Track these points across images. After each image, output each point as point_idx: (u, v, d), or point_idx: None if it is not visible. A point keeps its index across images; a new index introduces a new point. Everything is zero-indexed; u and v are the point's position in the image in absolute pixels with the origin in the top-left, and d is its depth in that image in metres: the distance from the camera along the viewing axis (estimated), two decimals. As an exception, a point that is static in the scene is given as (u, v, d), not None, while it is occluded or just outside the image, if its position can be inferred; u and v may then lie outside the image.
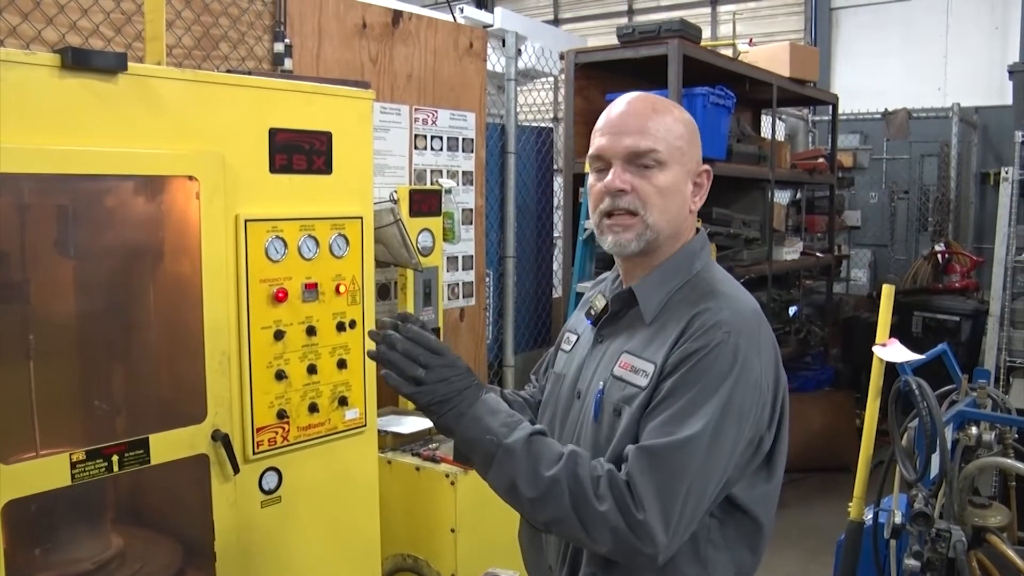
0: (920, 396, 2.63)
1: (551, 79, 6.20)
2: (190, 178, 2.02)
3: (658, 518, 1.36)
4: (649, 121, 1.54)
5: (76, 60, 1.80)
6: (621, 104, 1.59)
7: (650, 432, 1.43)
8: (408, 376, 1.45)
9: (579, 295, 4.39)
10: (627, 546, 1.38)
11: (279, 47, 3.48)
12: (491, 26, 5.15)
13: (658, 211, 1.54)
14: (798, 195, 7.39)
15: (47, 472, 1.81)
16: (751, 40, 6.25)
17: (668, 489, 1.37)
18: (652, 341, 1.52)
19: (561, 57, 5.35)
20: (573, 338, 1.76)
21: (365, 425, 2.47)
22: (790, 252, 6.03)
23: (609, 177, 1.54)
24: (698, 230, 1.66)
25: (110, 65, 1.86)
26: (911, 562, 2.59)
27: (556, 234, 5.55)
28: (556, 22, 11.88)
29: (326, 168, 2.32)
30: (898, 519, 2.64)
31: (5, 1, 2.73)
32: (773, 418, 1.51)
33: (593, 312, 1.68)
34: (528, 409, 1.80)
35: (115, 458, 1.90)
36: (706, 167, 1.62)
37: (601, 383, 1.56)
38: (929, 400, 2.62)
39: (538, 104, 6.39)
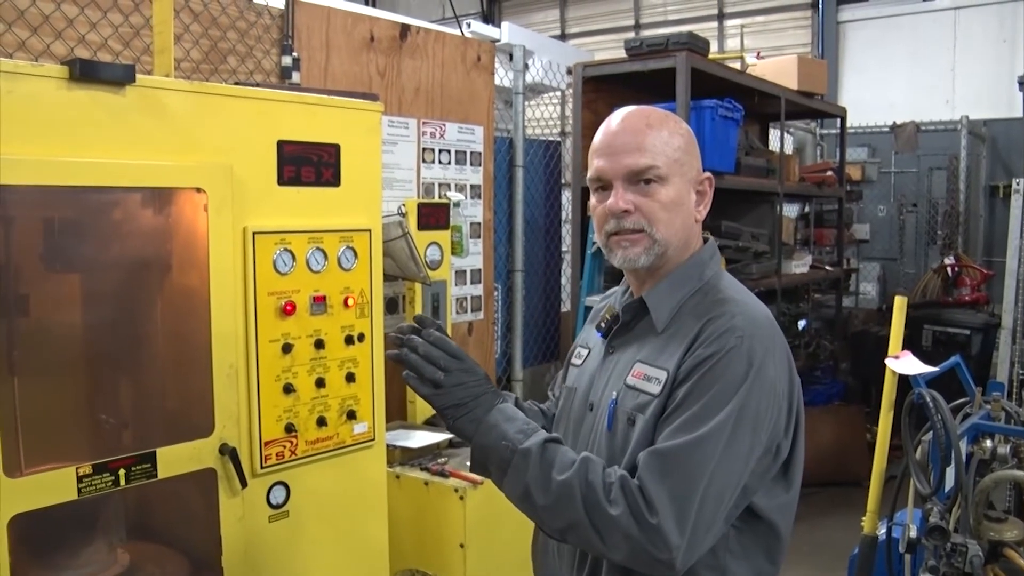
0: (934, 408, 2.61)
1: (559, 93, 6.21)
2: (198, 190, 2.02)
3: (672, 522, 1.34)
4: (645, 137, 1.53)
5: (84, 72, 1.80)
6: (615, 122, 1.58)
7: (664, 438, 1.42)
8: (427, 379, 1.48)
9: (588, 309, 4.37)
10: (642, 552, 1.36)
11: (287, 60, 3.49)
12: (498, 41, 5.17)
13: (664, 225, 1.54)
14: (807, 208, 7.40)
15: (53, 486, 1.79)
16: (759, 53, 6.26)
17: (682, 492, 1.36)
18: (664, 349, 1.52)
19: (568, 71, 5.36)
20: (584, 352, 1.76)
21: (374, 439, 2.45)
22: (799, 265, 6.02)
23: (611, 199, 1.54)
24: (707, 239, 1.66)
25: (118, 77, 1.86)
26: (927, 577, 2.56)
27: (564, 248, 5.55)
28: (563, 37, 11.92)
29: (334, 180, 2.31)
30: (913, 533, 2.61)
31: (14, 15, 2.74)
32: (789, 425, 1.50)
33: (604, 324, 1.68)
34: (543, 419, 1.81)
35: (122, 472, 1.88)
36: (707, 175, 1.62)
37: (614, 393, 1.56)
38: (944, 413, 2.60)
39: (546, 118, 6.40)
